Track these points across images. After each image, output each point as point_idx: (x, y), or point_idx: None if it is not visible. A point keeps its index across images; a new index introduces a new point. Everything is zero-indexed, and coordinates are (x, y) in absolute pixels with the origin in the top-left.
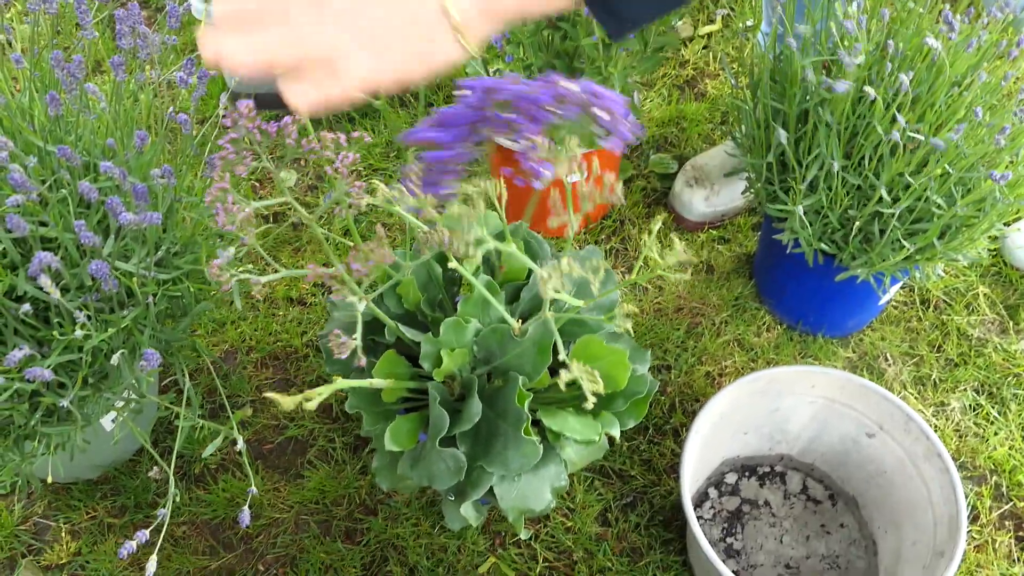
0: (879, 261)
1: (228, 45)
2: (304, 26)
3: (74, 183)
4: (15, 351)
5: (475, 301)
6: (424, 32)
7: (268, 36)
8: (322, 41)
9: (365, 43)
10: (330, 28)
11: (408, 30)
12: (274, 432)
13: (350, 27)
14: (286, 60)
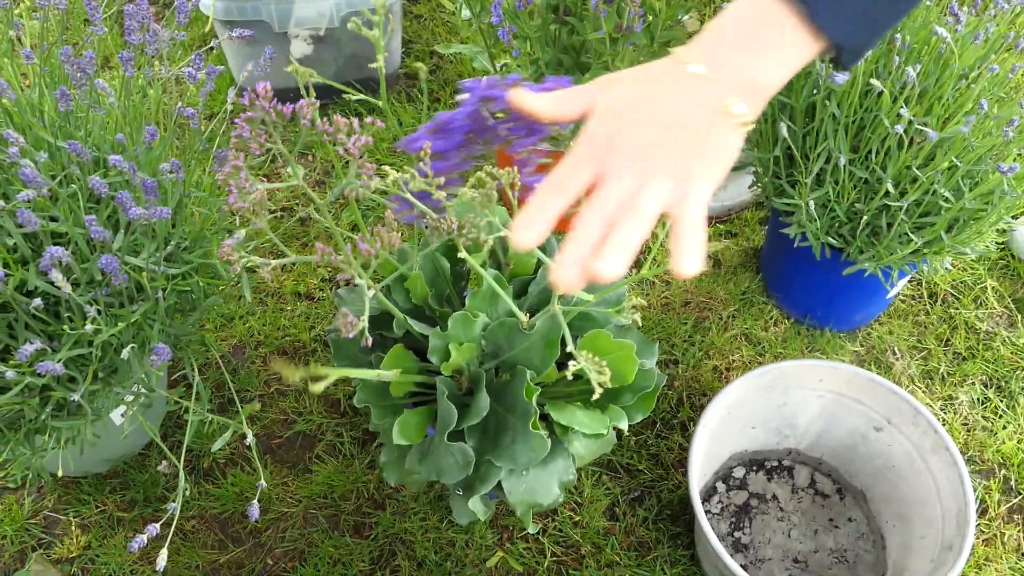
0: (887, 255)
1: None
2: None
3: (84, 178)
4: (27, 345)
5: (483, 295)
6: (715, 139)
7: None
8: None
9: (683, 174)
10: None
11: (709, 135)
12: (282, 427)
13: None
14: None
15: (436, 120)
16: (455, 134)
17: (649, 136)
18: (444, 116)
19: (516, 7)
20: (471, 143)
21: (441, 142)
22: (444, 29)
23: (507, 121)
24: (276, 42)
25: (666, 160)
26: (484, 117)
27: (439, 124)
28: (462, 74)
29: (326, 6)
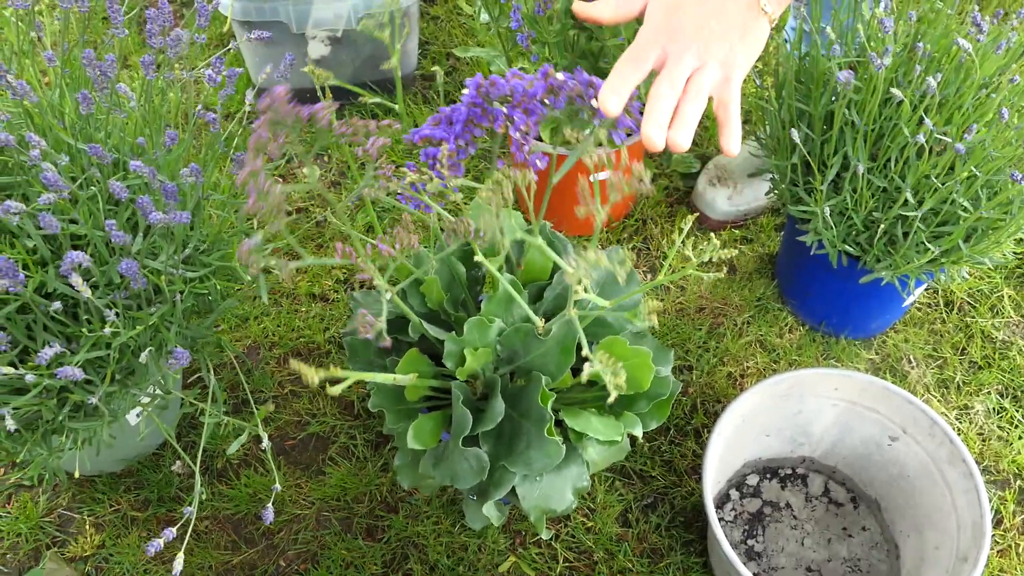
0: (904, 264)
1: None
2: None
3: (104, 181)
4: (46, 349)
5: (499, 300)
6: (752, 31)
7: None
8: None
9: (730, 60)
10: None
11: (745, 27)
12: (296, 428)
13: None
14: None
15: (440, 112)
16: (456, 123)
17: (701, 24)
18: (446, 109)
19: (535, 12)
20: (472, 128)
21: (442, 131)
22: (461, 31)
23: (507, 106)
24: (293, 43)
25: (718, 47)
26: (484, 104)
27: (442, 117)
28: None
29: (344, 8)
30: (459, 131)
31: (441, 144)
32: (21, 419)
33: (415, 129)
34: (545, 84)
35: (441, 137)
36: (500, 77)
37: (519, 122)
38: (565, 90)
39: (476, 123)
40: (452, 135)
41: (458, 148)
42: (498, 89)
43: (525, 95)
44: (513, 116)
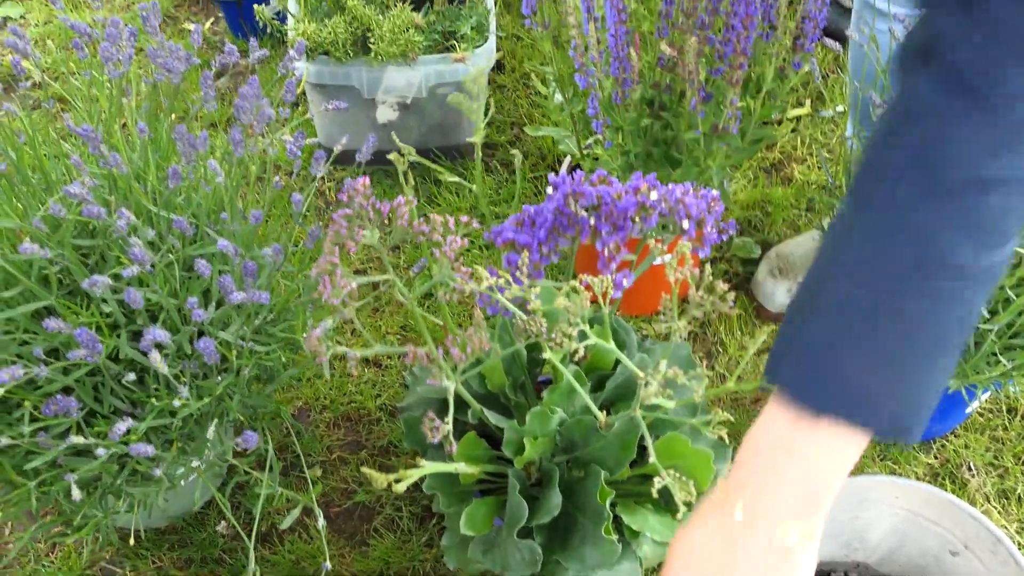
0: (972, 374)
1: None
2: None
3: (184, 249)
4: (119, 424)
5: (561, 390)
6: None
7: None
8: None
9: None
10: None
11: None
12: (342, 496)
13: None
14: None
15: (522, 213)
16: (540, 228)
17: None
18: (530, 209)
19: (613, 100)
20: (556, 237)
21: (526, 236)
22: (527, 102)
23: (594, 216)
24: (363, 106)
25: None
26: (571, 212)
27: (525, 217)
28: (542, 147)
29: (416, 76)
30: (543, 237)
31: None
32: (81, 483)
33: (497, 228)
34: (636, 201)
35: (525, 243)
36: (588, 185)
37: (607, 239)
38: (657, 209)
39: (562, 232)
40: (535, 240)
41: (541, 255)
42: (585, 200)
43: (614, 207)
44: (601, 230)
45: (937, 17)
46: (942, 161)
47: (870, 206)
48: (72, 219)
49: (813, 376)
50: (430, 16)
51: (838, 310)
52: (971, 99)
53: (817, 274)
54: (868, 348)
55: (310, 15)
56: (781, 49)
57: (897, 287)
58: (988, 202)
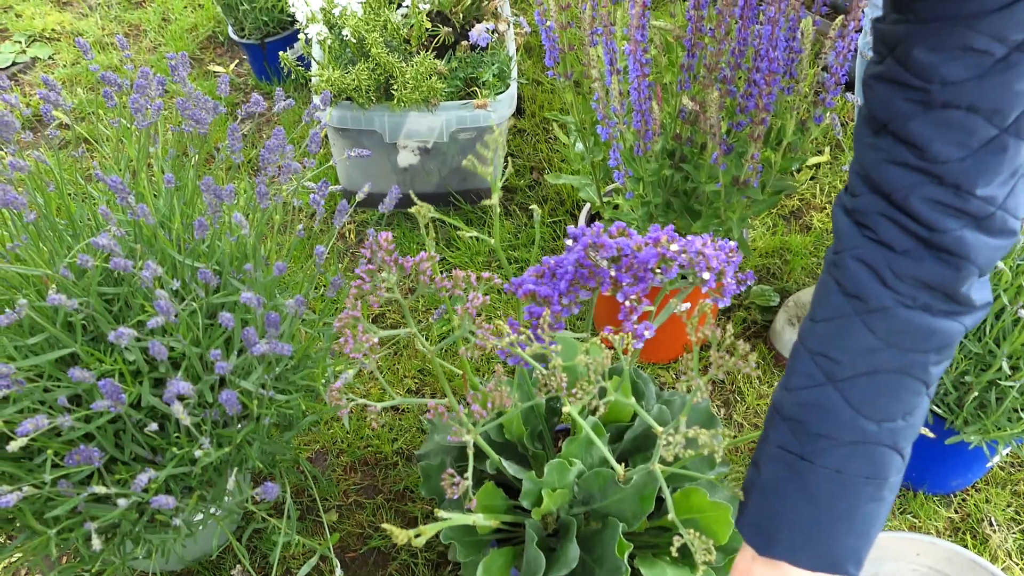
0: (994, 430)
1: None
2: None
3: (208, 297)
4: (141, 476)
5: (580, 442)
6: None
7: None
8: None
9: None
10: None
11: None
12: (358, 540)
13: None
14: None
15: (543, 264)
16: (561, 280)
17: None
18: (550, 261)
19: (634, 151)
20: (577, 288)
21: (546, 288)
22: (547, 146)
23: (614, 267)
24: (384, 150)
25: None
26: (592, 263)
27: (545, 269)
28: (561, 192)
29: (437, 121)
30: (564, 289)
31: (545, 301)
32: (101, 529)
33: (517, 280)
34: (657, 253)
35: (546, 295)
36: (607, 237)
37: (629, 291)
38: (678, 261)
39: (583, 284)
40: (557, 292)
41: (562, 307)
42: (606, 251)
43: (635, 259)
44: (622, 282)
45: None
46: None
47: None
48: (98, 266)
49: (761, 529)
50: (452, 63)
51: (778, 476)
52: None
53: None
54: (798, 513)
55: (334, 62)
56: (803, 103)
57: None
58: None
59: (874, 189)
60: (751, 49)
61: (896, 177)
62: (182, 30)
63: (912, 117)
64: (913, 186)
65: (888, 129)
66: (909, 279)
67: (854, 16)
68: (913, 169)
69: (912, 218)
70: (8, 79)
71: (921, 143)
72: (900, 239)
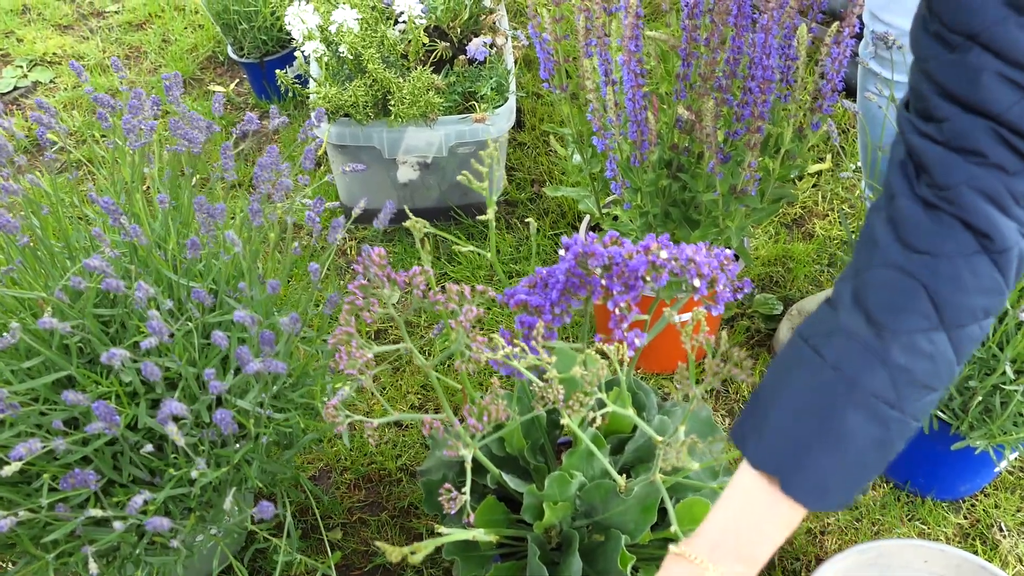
0: (1000, 434)
1: None
2: None
3: (202, 317)
4: (136, 498)
5: (580, 454)
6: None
7: None
8: None
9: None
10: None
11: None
12: (362, 559)
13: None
14: None
15: (535, 275)
16: (552, 290)
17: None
18: (542, 271)
19: (631, 162)
20: (568, 298)
21: (538, 298)
22: (547, 160)
23: (605, 276)
24: (383, 166)
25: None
26: (583, 272)
27: (538, 279)
28: (562, 205)
29: (435, 136)
30: (555, 298)
31: (536, 311)
32: (100, 552)
33: (510, 291)
34: (647, 260)
35: (537, 304)
36: (597, 243)
37: (619, 299)
38: (667, 268)
39: (574, 293)
40: (548, 302)
41: (553, 316)
42: (597, 260)
43: (625, 266)
44: (613, 290)
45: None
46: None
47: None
48: (93, 288)
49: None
50: (450, 77)
51: (787, 402)
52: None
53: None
54: (804, 431)
55: (331, 78)
56: (799, 110)
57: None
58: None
59: (971, 109)
60: (746, 57)
61: (1000, 93)
62: (182, 51)
63: (1003, 21)
64: (1017, 102)
65: (977, 40)
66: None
67: (849, 22)
68: (1011, 83)
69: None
70: (10, 103)
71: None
72: (1012, 160)
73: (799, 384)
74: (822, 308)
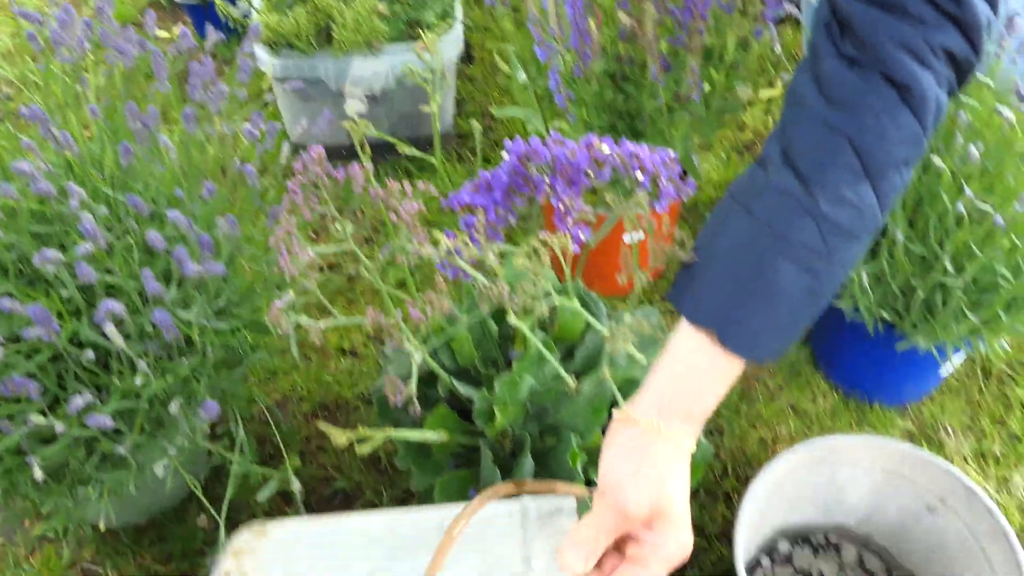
0: (942, 332)
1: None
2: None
3: (141, 231)
4: (76, 397)
5: (530, 358)
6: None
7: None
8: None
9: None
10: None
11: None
12: (322, 484)
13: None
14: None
15: (480, 178)
16: (496, 190)
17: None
18: (486, 174)
19: (574, 73)
20: (512, 197)
21: (482, 198)
22: (498, 91)
23: (548, 175)
24: (331, 100)
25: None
26: (525, 172)
27: (481, 182)
28: (513, 135)
29: (382, 66)
30: (499, 199)
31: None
32: (49, 469)
33: (454, 195)
34: (589, 156)
35: (481, 204)
36: (541, 144)
37: (562, 193)
38: (609, 163)
39: (517, 191)
40: (492, 203)
41: (498, 216)
42: (540, 157)
43: (568, 165)
44: (556, 186)
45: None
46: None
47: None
48: (27, 207)
49: (702, 305)
50: (395, 6)
51: (722, 256)
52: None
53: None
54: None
55: (273, 8)
56: (743, 20)
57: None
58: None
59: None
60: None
61: None
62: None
63: None
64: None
65: None
66: (942, 53)
67: None
68: None
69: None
70: None
71: None
72: (931, 14)
73: (731, 242)
74: (752, 169)
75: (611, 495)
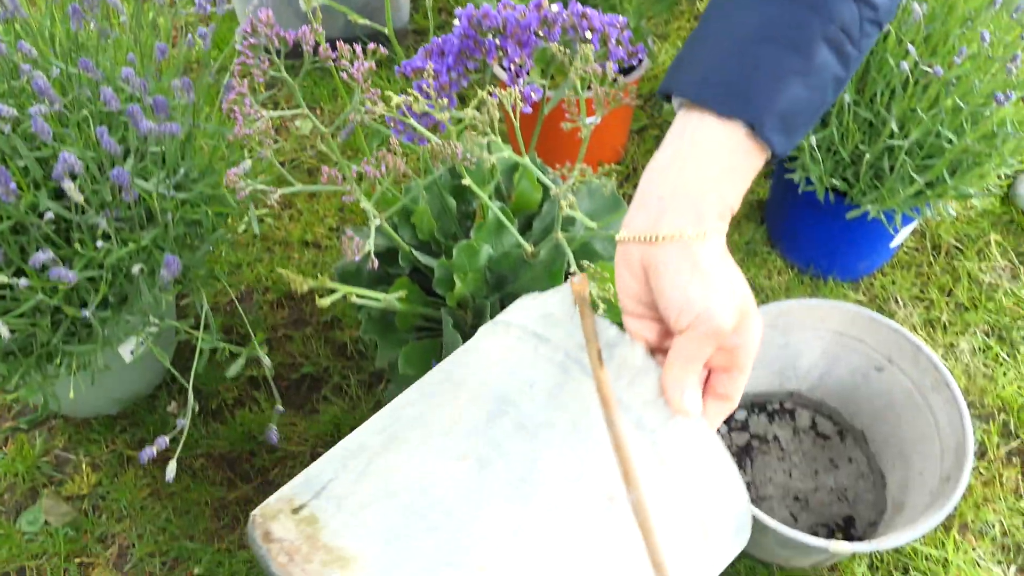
0: (890, 197)
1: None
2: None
3: (95, 101)
4: (39, 253)
5: (488, 227)
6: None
7: None
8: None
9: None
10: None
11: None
12: (289, 370)
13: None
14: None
15: (433, 44)
16: (448, 55)
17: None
18: (438, 40)
19: None
20: (465, 60)
21: (435, 63)
22: None
23: (499, 37)
24: None
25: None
26: (476, 36)
27: (433, 47)
28: None
29: None
30: (451, 63)
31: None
32: (16, 341)
33: (407, 60)
34: (539, 16)
35: (434, 70)
36: (491, 8)
37: (513, 54)
38: (559, 22)
39: (469, 55)
40: (444, 67)
41: (451, 80)
42: (490, 20)
43: (518, 27)
44: (506, 48)
45: None
46: None
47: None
48: None
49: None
50: None
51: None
52: None
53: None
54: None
55: None
56: None
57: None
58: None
59: None
60: None
61: None
62: None
63: None
64: None
65: None
66: None
67: None
68: None
69: None
70: None
71: None
72: None
73: (761, 18)
74: None
75: (703, 324)
